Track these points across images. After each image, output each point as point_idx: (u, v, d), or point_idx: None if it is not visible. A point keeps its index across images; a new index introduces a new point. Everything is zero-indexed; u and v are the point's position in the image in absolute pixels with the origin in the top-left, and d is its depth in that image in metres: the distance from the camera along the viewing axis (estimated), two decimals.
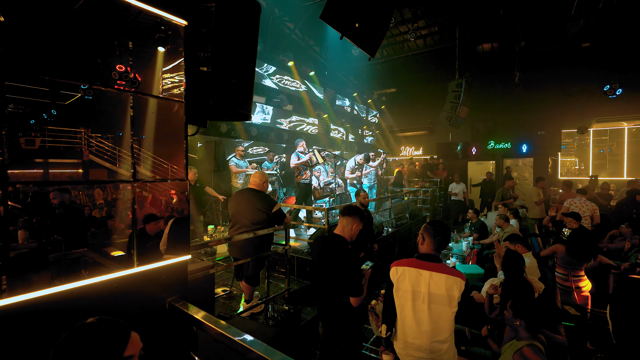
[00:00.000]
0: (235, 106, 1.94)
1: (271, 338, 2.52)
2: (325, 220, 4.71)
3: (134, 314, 1.41)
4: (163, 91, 1.94)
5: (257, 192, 3.29)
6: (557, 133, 11.41)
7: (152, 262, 1.48)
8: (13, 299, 1.09)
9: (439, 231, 1.92)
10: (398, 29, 10.43)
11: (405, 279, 1.91)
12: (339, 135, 13.27)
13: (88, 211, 6.26)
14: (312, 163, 5.95)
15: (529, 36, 9.07)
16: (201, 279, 2.71)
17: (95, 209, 6.72)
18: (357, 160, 7.59)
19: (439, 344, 1.85)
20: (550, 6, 7.99)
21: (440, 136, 13.81)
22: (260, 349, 1.18)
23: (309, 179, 6.00)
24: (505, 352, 2.11)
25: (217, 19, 1.68)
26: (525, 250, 3.42)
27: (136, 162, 1.55)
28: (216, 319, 1.36)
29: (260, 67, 8.71)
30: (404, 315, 1.94)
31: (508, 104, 11.96)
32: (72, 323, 0.83)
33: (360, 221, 2.31)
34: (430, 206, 9.40)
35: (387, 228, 6.47)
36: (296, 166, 6.06)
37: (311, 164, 5.94)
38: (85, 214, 6.10)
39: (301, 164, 5.89)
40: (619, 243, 4.83)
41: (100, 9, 1.56)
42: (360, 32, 3.70)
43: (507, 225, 5.24)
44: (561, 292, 3.66)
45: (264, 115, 9.39)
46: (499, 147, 12.08)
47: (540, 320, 2.10)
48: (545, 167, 11.56)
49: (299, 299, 4.02)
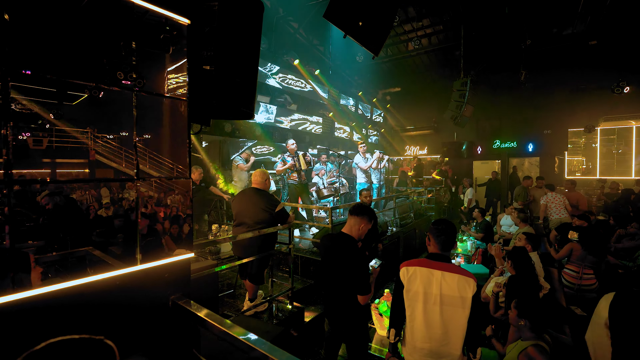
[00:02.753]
0: (238, 105, 1.94)
1: (274, 336, 2.53)
2: (330, 220, 4.71)
3: (137, 311, 1.42)
4: (168, 91, 1.95)
5: (260, 191, 3.29)
6: (564, 132, 11.27)
7: (156, 259, 1.49)
8: (11, 297, 1.10)
9: (442, 230, 1.89)
10: (402, 28, 10.38)
11: (416, 280, 1.84)
12: (344, 135, 13.25)
13: (93, 211, 6.32)
14: (296, 168, 5.99)
15: (535, 34, 8.97)
16: (205, 278, 2.73)
17: (102, 209, 6.78)
18: (376, 155, 7.51)
19: (450, 350, 1.77)
20: (556, 4, 7.90)
21: (446, 135, 13.72)
22: (264, 347, 1.18)
23: (297, 180, 6.06)
24: (510, 352, 2.09)
25: (220, 18, 1.68)
26: (531, 249, 3.40)
27: (140, 161, 1.57)
28: (219, 317, 1.36)
29: (264, 67, 8.72)
30: (414, 317, 1.86)
31: (514, 102, 11.84)
32: (76, 321, 0.83)
33: (369, 221, 2.30)
34: (435, 205, 9.33)
35: (391, 227, 6.45)
36: (280, 173, 6.15)
37: (295, 169, 5.99)
38: (91, 213, 6.17)
39: (286, 169, 5.96)
40: (626, 243, 4.76)
41: (105, 9, 1.57)
42: (364, 31, 3.69)
43: (525, 225, 5.21)
44: (569, 290, 3.62)
45: (268, 115, 9.41)
46: (504, 146, 11.97)
47: (545, 320, 2.07)
48: (552, 167, 11.44)
49: (303, 298, 4.02)
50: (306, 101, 11.01)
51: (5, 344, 1.08)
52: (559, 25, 8.90)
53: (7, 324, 1.08)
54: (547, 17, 8.50)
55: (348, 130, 13.38)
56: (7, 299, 1.08)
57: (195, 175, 5.51)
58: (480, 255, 5.10)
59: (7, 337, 1.08)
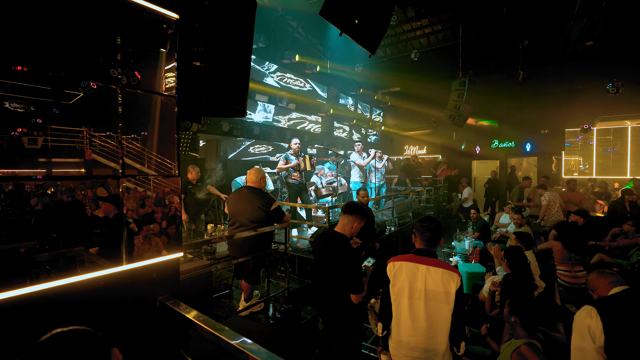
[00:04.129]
0: (229, 102, 1.91)
1: (268, 337, 2.51)
2: (327, 219, 4.68)
3: (123, 312, 1.39)
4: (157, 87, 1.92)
5: (255, 189, 3.27)
6: (561, 132, 11.29)
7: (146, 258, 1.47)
8: None
9: (426, 227, 1.92)
10: (401, 28, 10.37)
11: (402, 274, 1.88)
12: (343, 134, 13.22)
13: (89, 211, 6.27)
14: (300, 168, 5.86)
15: (533, 35, 8.98)
16: (198, 278, 2.71)
17: (98, 209, 6.72)
18: (372, 153, 7.45)
19: (435, 344, 1.79)
20: (553, 5, 7.91)
21: (444, 135, 13.70)
22: (251, 349, 1.16)
23: (298, 180, 5.95)
24: (504, 351, 2.08)
25: (210, 14, 1.65)
26: (525, 249, 3.39)
27: (136, 159, 1.54)
28: (207, 318, 1.34)
29: (262, 65, 8.68)
30: (399, 312, 1.89)
31: (512, 102, 11.84)
32: (54, 323, 0.80)
33: (362, 219, 2.31)
34: (434, 205, 9.32)
35: (389, 227, 6.44)
36: (281, 171, 6.01)
37: (299, 169, 5.86)
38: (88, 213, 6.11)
39: (288, 168, 5.83)
40: (621, 241, 4.77)
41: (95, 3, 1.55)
42: (360, 29, 3.66)
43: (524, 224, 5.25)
44: (567, 290, 3.62)
45: (266, 114, 9.37)
46: (503, 146, 11.97)
47: (536, 318, 2.06)
48: (549, 166, 11.45)
49: (300, 298, 4.00)
50: (305, 100, 10.98)
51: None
52: (556, 25, 8.91)
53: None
54: (544, 17, 8.50)
55: (347, 129, 13.36)
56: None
57: (192, 174, 5.47)
58: (478, 254, 5.09)
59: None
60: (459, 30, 9.09)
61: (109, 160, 1.51)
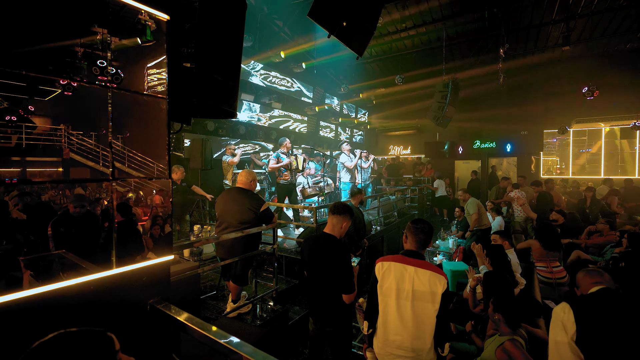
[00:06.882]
0: (219, 103, 1.90)
1: (258, 338, 2.51)
2: (314, 219, 4.70)
3: (113, 317, 1.37)
4: (147, 88, 1.89)
5: (244, 191, 3.25)
6: (540, 133, 11.72)
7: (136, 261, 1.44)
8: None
9: (420, 230, 1.95)
10: (387, 29, 10.49)
11: (390, 275, 1.91)
12: (330, 134, 13.28)
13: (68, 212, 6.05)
14: (291, 167, 5.84)
15: (512, 39, 9.31)
16: (186, 280, 2.67)
17: (76, 209, 6.49)
18: (357, 153, 7.52)
19: (421, 343, 1.84)
20: (533, 10, 8.24)
21: (428, 135, 13.99)
22: (245, 350, 1.16)
23: (288, 179, 5.91)
24: (488, 347, 2.15)
25: (201, 15, 1.64)
26: (509, 247, 3.52)
27: (117, 160, 1.51)
28: (199, 320, 1.33)
29: (247, 65, 8.61)
30: (387, 311, 1.92)
31: (493, 104, 12.23)
32: (42, 329, 0.78)
33: (350, 219, 2.34)
34: (418, 204, 9.51)
35: (375, 226, 6.52)
36: (272, 170, 5.97)
37: (290, 168, 5.84)
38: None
39: (280, 167, 5.79)
40: (596, 239, 5.00)
41: None
42: (348, 31, 3.70)
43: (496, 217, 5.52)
44: (546, 286, 3.78)
45: (251, 114, 9.31)
46: (484, 146, 12.31)
47: (519, 314, 2.15)
48: (529, 166, 11.86)
49: (287, 298, 4.00)
50: (291, 100, 10.95)
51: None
52: (535, 30, 9.25)
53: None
54: (524, 22, 8.82)
55: (333, 129, 13.42)
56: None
57: (177, 174, 5.38)
58: (462, 252, 5.23)
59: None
60: (443, 32, 9.32)
61: (88, 160, 1.47)
